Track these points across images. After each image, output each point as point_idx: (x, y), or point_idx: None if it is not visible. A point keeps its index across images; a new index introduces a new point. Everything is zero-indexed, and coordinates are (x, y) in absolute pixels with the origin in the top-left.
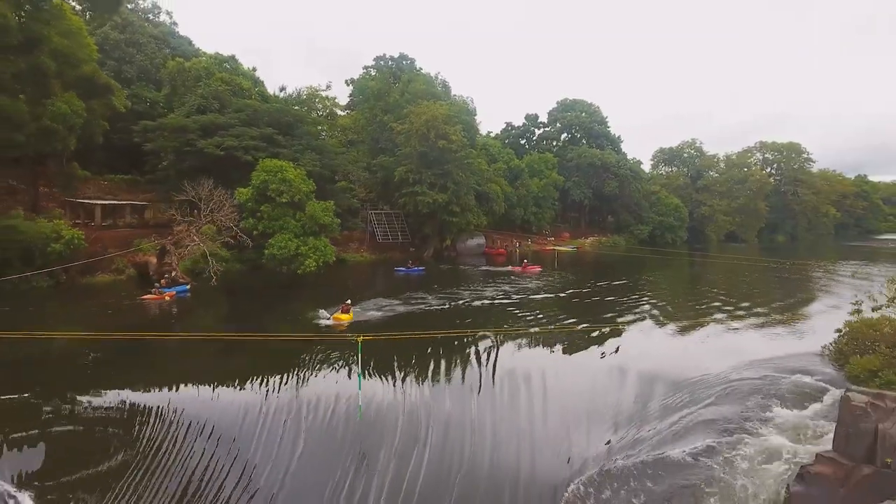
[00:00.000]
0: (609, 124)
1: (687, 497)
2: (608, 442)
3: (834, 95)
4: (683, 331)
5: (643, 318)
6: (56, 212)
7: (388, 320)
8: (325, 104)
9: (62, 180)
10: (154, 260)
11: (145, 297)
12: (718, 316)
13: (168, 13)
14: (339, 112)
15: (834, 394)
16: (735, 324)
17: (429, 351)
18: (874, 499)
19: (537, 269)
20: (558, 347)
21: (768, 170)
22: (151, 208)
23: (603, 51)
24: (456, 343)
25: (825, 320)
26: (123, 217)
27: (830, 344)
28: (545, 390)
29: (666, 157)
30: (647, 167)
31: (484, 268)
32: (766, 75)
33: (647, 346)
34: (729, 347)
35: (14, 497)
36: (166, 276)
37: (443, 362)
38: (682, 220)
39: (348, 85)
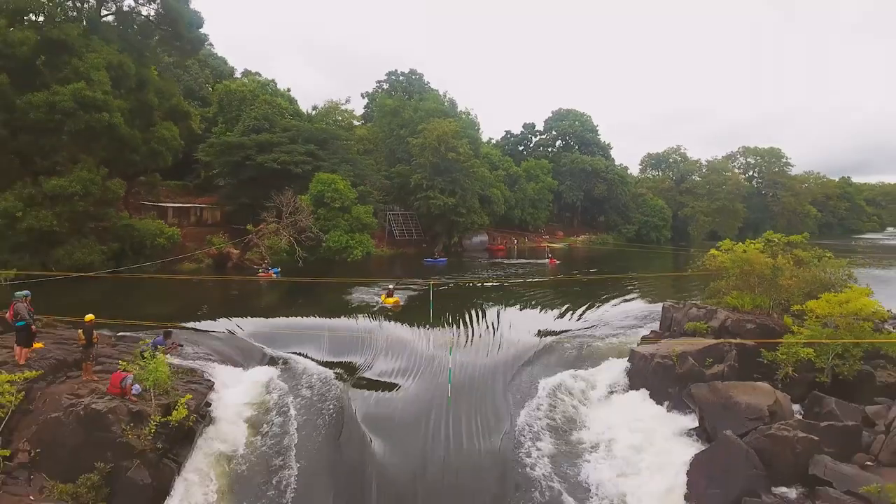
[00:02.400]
0: (599, 132)
1: (574, 348)
2: (543, 334)
3: (832, 97)
4: (623, 291)
5: (597, 289)
6: (152, 214)
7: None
8: (345, 116)
9: (147, 188)
10: (237, 251)
11: (259, 274)
12: (663, 282)
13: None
14: (356, 122)
15: None
16: (669, 287)
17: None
18: (666, 343)
19: (556, 262)
20: (528, 302)
21: (750, 173)
22: (209, 210)
23: (605, 50)
24: (482, 294)
25: None
26: (188, 217)
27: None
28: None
29: (653, 161)
30: (636, 170)
31: (487, 260)
32: (766, 77)
33: (590, 302)
34: (652, 298)
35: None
36: (266, 260)
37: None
38: (665, 220)
39: (363, 98)
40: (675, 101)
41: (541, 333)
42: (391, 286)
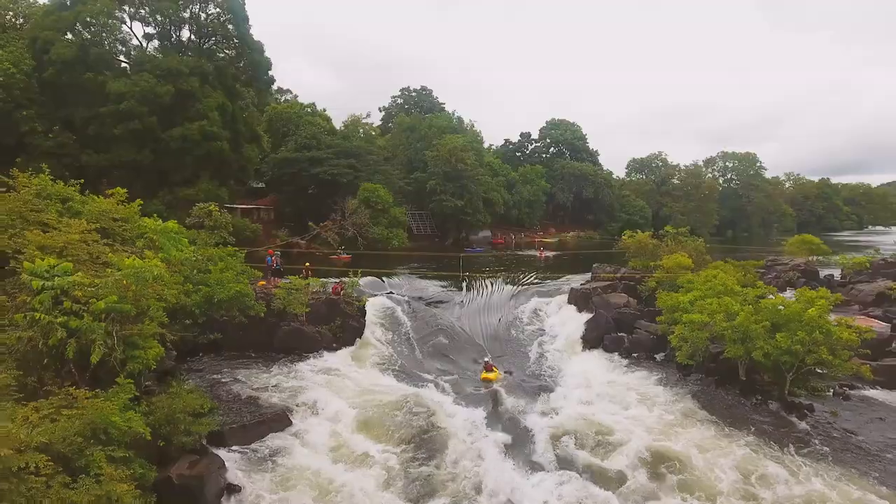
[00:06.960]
0: (588, 140)
1: (544, 291)
2: (528, 284)
3: (833, 99)
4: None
5: (575, 266)
6: (233, 213)
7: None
8: (366, 130)
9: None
10: (304, 242)
11: (333, 257)
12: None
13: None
14: (373, 133)
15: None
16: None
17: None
18: (589, 284)
19: (545, 254)
20: (521, 272)
21: (728, 175)
22: (265, 210)
23: (608, 51)
24: (491, 268)
25: None
26: (251, 216)
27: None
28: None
29: (637, 165)
30: (622, 173)
31: (490, 251)
32: (764, 79)
33: (564, 273)
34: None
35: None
36: (342, 247)
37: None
38: (646, 219)
39: (381, 111)
40: (676, 97)
41: (526, 284)
42: (488, 359)
